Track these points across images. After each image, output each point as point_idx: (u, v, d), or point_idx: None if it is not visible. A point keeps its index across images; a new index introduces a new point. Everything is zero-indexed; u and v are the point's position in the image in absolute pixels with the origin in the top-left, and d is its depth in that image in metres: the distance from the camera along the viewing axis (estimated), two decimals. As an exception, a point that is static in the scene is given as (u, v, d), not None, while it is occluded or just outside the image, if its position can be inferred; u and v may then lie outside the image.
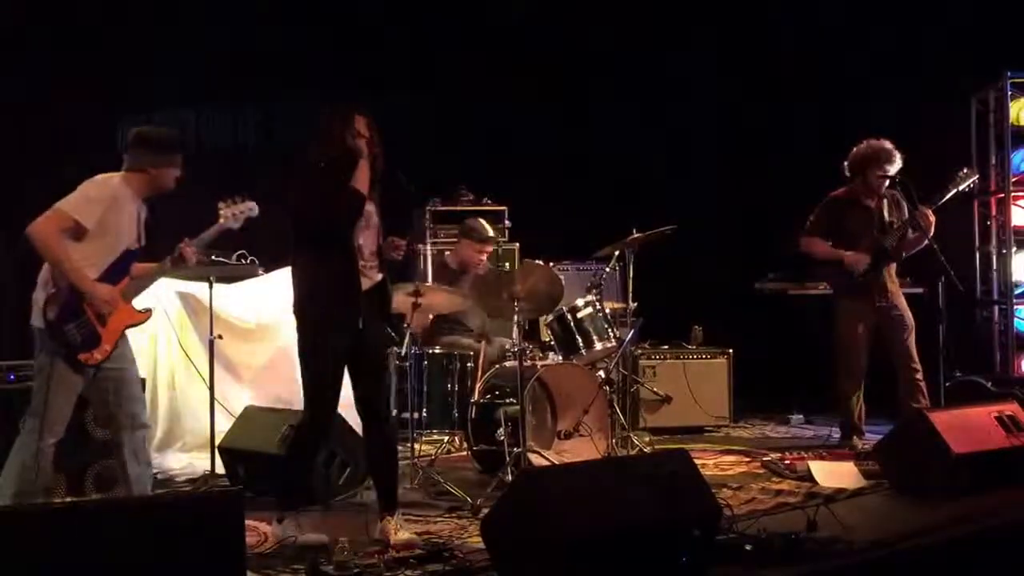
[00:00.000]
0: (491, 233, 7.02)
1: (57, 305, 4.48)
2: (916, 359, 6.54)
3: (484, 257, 6.95)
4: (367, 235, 4.71)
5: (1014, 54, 8.00)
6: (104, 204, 4.53)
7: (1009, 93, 8.05)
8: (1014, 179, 8.13)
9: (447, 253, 7.16)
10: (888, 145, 6.44)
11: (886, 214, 6.56)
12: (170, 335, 6.45)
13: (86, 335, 4.51)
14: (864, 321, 6.56)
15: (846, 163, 6.58)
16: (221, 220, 4.76)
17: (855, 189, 6.59)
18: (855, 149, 6.55)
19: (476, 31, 8.74)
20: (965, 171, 6.55)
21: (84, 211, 4.49)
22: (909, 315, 6.59)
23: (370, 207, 4.68)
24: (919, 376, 6.51)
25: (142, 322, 4.80)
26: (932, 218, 6.36)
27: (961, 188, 6.51)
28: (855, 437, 6.58)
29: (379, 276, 4.77)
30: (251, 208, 4.82)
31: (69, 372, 4.53)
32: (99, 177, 4.63)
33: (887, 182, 6.44)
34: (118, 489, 4.69)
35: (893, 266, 6.62)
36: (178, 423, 6.47)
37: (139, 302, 4.76)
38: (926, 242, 6.36)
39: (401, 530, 4.60)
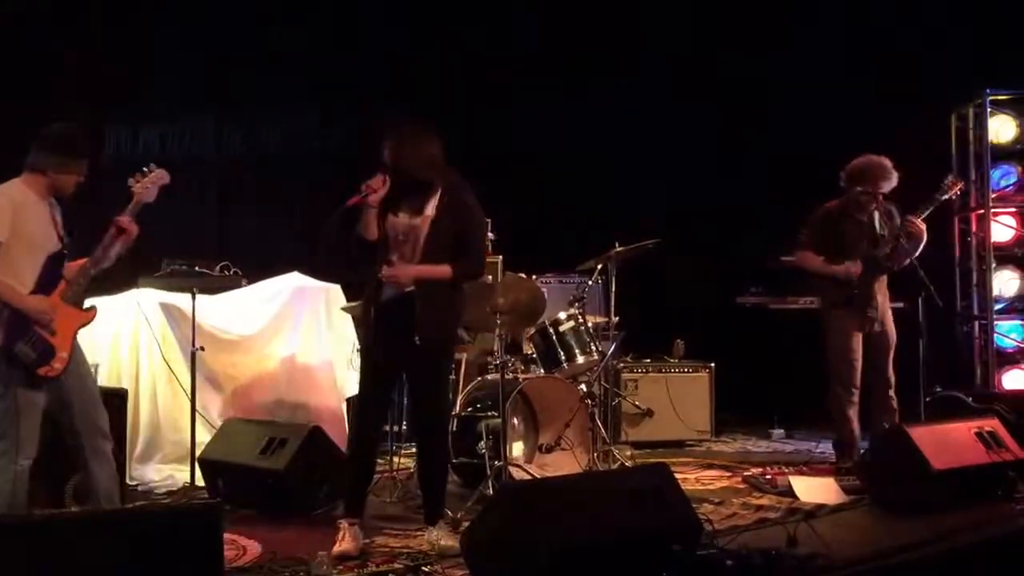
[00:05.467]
0: None
1: (2, 326, 4.36)
2: (892, 379, 6.45)
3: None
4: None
5: (993, 71, 8.06)
6: (8, 212, 4.38)
7: (989, 110, 8.10)
8: (994, 195, 8.18)
9: None
10: (887, 163, 6.35)
11: (878, 226, 6.47)
12: (152, 346, 6.40)
13: (40, 349, 4.39)
14: (856, 332, 6.42)
15: (842, 173, 6.48)
16: (135, 197, 4.63)
17: (848, 201, 6.49)
18: (854, 162, 6.44)
19: (463, 40, 8.76)
20: (950, 179, 6.51)
21: None
22: (893, 334, 6.49)
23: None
24: (891, 393, 6.43)
25: (90, 321, 4.66)
26: (923, 227, 6.36)
27: (948, 196, 6.51)
28: (853, 457, 6.29)
29: None
30: (162, 176, 4.68)
31: (31, 392, 4.41)
32: None
33: (876, 199, 6.41)
34: (93, 502, 4.62)
35: (884, 280, 6.52)
36: (159, 434, 6.42)
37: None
38: (919, 251, 6.34)
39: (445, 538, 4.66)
